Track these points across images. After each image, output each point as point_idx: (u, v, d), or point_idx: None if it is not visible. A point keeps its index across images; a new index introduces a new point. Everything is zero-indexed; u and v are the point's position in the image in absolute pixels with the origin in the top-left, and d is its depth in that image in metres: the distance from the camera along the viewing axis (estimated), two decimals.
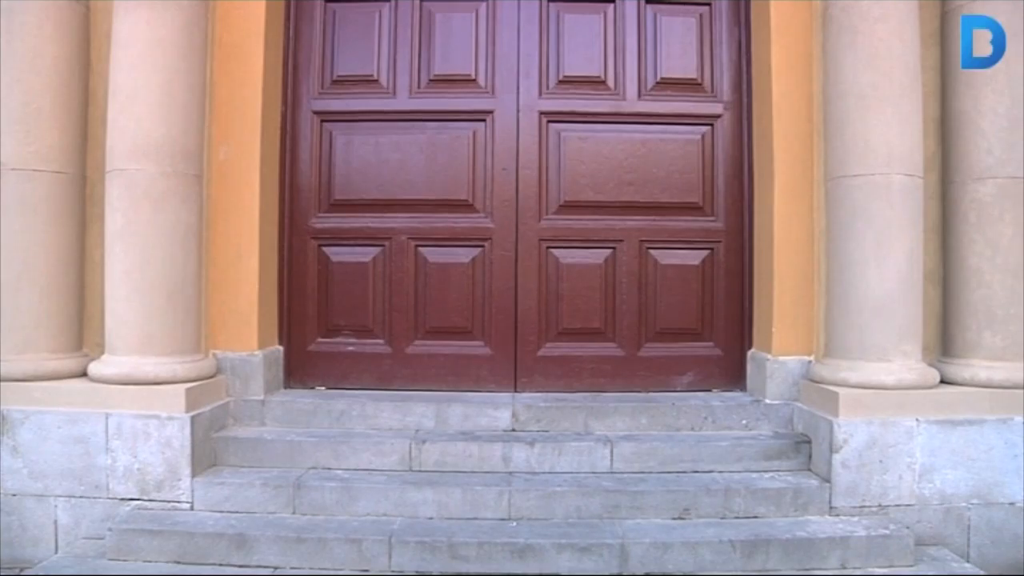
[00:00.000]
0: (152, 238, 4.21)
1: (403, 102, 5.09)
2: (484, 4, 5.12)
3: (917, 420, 4.14)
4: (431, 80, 5.11)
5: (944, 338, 4.56)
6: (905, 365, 4.21)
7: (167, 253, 4.25)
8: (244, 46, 4.66)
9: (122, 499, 4.10)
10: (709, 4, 5.11)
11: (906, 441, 4.13)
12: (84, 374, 4.35)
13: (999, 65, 4.29)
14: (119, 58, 4.24)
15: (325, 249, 5.09)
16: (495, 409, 4.69)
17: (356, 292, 5.09)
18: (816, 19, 4.60)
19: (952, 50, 4.46)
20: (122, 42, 4.24)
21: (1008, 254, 4.30)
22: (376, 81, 5.10)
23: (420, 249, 5.09)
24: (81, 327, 4.54)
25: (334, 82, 5.11)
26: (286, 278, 5.04)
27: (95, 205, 4.49)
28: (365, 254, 5.10)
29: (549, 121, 5.10)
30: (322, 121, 5.09)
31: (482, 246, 5.09)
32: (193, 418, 4.16)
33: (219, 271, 4.62)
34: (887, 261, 4.21)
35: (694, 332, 5.08)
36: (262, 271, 4.70)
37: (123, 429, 4.10)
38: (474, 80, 5.10)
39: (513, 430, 4.64)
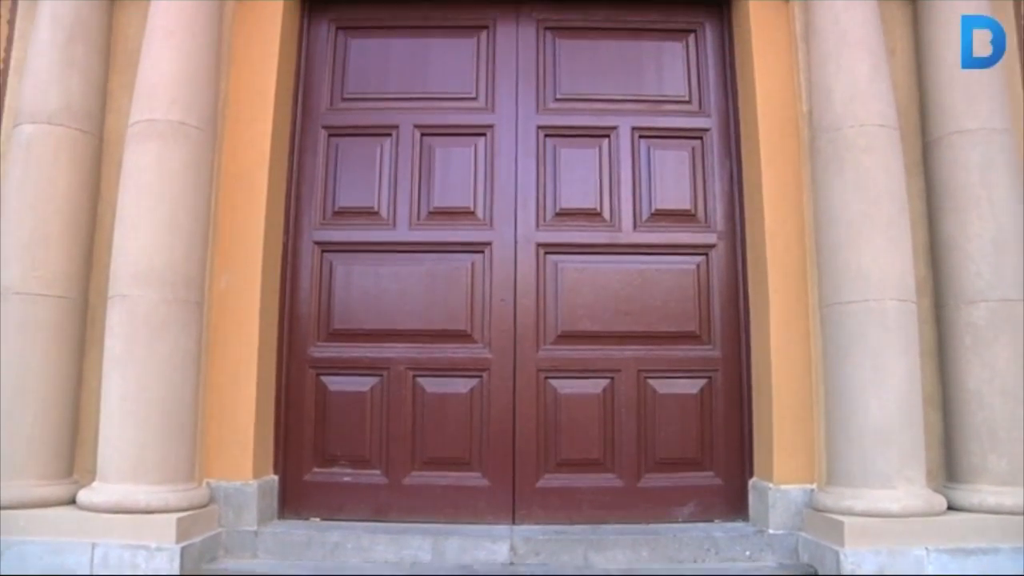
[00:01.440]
0: (150, 364, 4.21)
1: (403, 233, 5.19)
2: (482, 139, 5.28)
3: (927, 549, 4.03)
4: (430, 212, 5.22)
5: (948, 462, 4.50)
6: (910, 491, 4.14)
7: (165, 380, 4.24)
8: (249, 177, 4.79)
9: None
10: (700, 137, 5.27)
11: (916, 571, 4.01)
12: (73, 501, 4.25)
13: (981, 193, 4.41)
14: (127, 187, 4.36)
15: (323, 378, 5.07)
16: (493, 542, 4.57)
17: (353, 422, 5.04)
18: (804, 150, 4.74)
19: (935, 178, 4.60)
20: (131, 172, 4.37)
21: (1007, 376, 4.29)
22: (377, 213, 5.21)
23: (418, 379, 5.08)
24: (73, 453, 4.48)
25: (335, 213, 5.22)
26: (283, 407, 5.00)
27: (95, 330, 4.50)
28: (363, 383, 5.08)
29: (547, 252, 5.18)
30: (323, 251, 5.18)
31: (480, 376, 5.07)
32: (183, 549, 4.04)
33: (216, 398, 4.60)
34: (886, 386, 4.20)
35: (694, 461, 5.01)
36: (259, 399, 4.67)
37: (109, 560, 3.98)
38: (473, 213, 5.21)
39: (511, 563, 4.50)
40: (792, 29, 4.87)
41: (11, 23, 4.92)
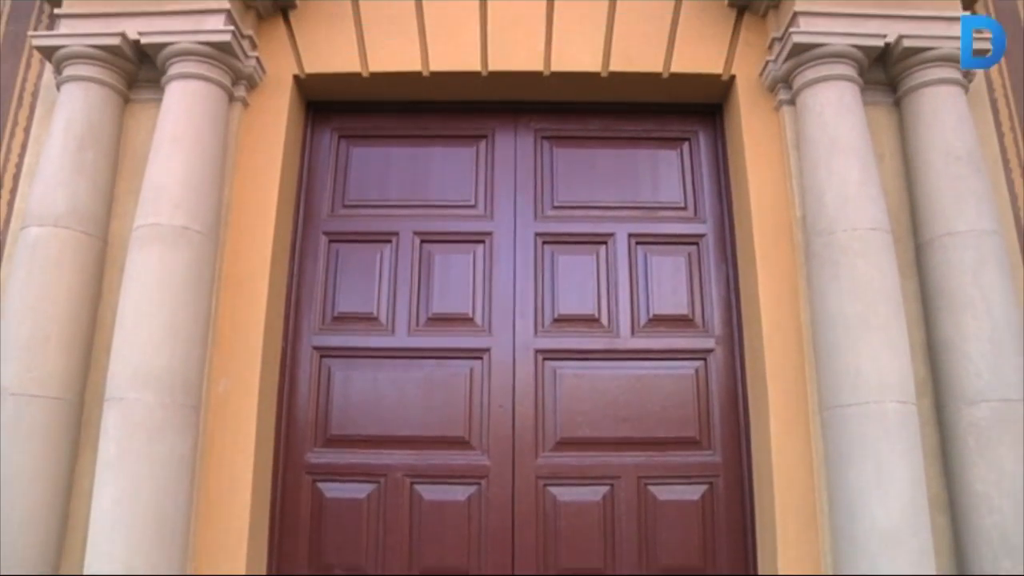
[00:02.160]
0: (144, 469, 4.15)
1: (402, 339, 5.20)
2: (481, 246, 5.35)
3: None
4: (429, 319, 5.24)
5: (959, 568, 4.39)
6: None
7: (158, 485, 4.17)
8: (250, 281, 4.82)
9: None
10: (696, 243, 5.35)
11: None
12: None
13: (975, 293, 4.44)
14: (129, 290, 4.39)
15: (320, 484, 5.00)
16: None
17: (349, 529, 4.94)
18: (799, 254, 4.80)
19: (929, 280, 4.63)
20: (134, 275, 4.41)
21: (1015, 478, 4.22)
22: (376, 319, 5.23)
23: (416, 486, 5.00)
24: (59, 560, 4.36)
25: (335, 319, 5.24)
26: (278, 513, 4.91)
27: (90, 432, 4.46)
28: (360, 491, 5.00)
29: (545, 359, 5.18)
30: (322, 356, 5.18)
31: (478, 484, 5.00)
32: None
33: (209, 504, 4.51)
34: (890, 489, 4.14)
35: (697, 569, 4.88)
36: (254, 506, 4.58)
37: None
38: (471, 319, 5.24)
39: None
40: (783, 136, 5.00)
41: (27, 130, 5.09)
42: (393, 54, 5.24)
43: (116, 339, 4.35)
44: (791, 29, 4.78)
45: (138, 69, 4.95)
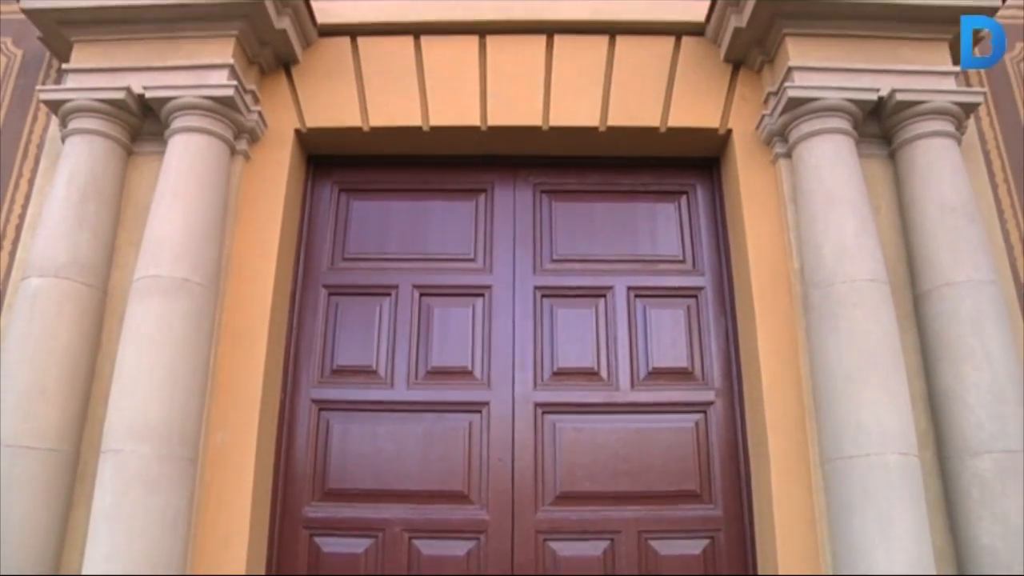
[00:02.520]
0: (139, 521, 4.10)
1: (401, 393, 5.18)
2: (480, 299, 5.37)
3: None
4: (428, 372, 5.23)
5: None
6: None
7: (153, 538, 4.11)
8: (249, 333, 4.83)
9: None
10: (695, 296, 5.37)
11: None
12: None
13: (975, 343, 4.43)
14: (128, 341, 4.39)
15: (317, 539, 4.93)
16: None
17: None
18: (797, 305, 4.80)
19: (928, 330, 4.63)
20: (133, 326, 4.41)
21: (1020, 532, 4.15)
22: (375, 372, 5.22)
23: (414, 541, 4.94)
24: None
25: (334, 371, 5.24)
26: (274, 568, 4.84)
27: (84, 484, 4.42)
28: (358, 545, 4.94)
29: (544, 412, 5.16)
30: (320, 409, 5.16)
31: (477, 538, 4.94)
32: None
33: (205, 559, 4.45)
34: (894, 543, 4.08)
35: None
36: (250, 560, 4.52)
37: None
38: (470, 372, 5.23)
39: None
40: (780, 189, 5.04)
41: (31, 182, 5.15)
42: (394, 109, 5.32)
43: (114, 390, 4.33)
44: (786, 84, 4.86)
45: (142, 122, 5.02)
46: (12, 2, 5.08)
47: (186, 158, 4.74)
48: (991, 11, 4.90)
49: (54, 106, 4.91)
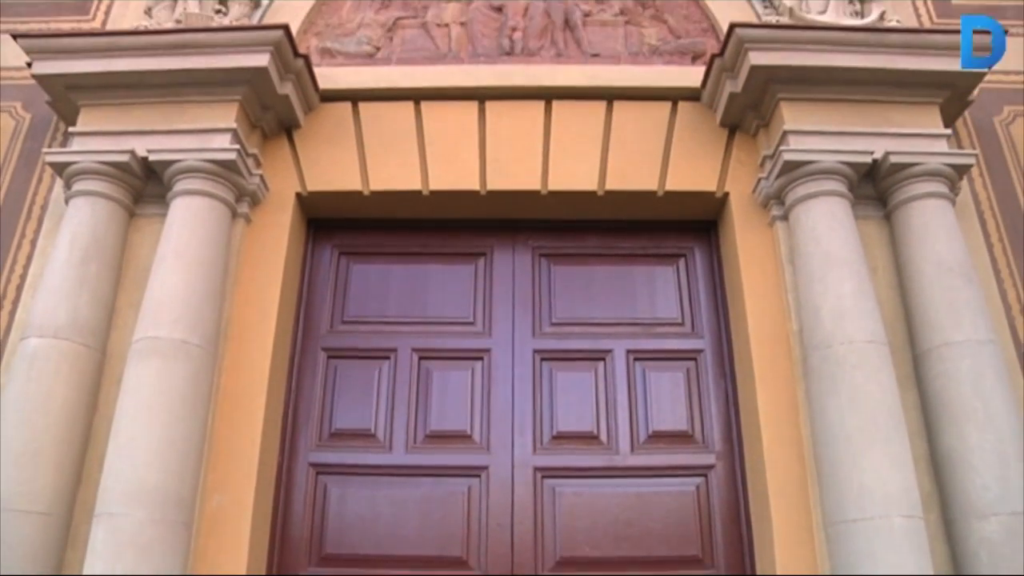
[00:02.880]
0: None
1: (399, 457, 5.14)
2: (480, 363, 5.36)
3: None
4: (427, 436, 5.20)
5: None
6: None
7: None
8: (247, 396, 4.81)
9: None
10: (694, 358, 5.36)
11: None
12: None
13: (976, 404, 4.41)
14: (125, 403, 4.37)
15: None
16: None
17: None
18: (797, 367, 4.80)
19: (929, 391, 4.62)
20: (131, 388, 4.40)
21: None
22: (373, 436, 5.19)
23: None
24: None
25: (332, 435, 5.21)
26: None
27: (76, 549, 4.34)
28: None
29: (544, 476, 5.11)
30: (318, 473, 5.11)
31: None
32: None
33: None
34: None
35: None
36: None
37: None
38: (469, 436, 5.20)
39: None
40: (778, 251, 5.08)
41: (33, 242, 5.19)
42: (394, 173, 5.38)
43: (109, 453, 4.29)
44: (782, 147, 4.93)
45: (145, 185, 5.08)
46: (24, 68, 5.18)
47: (188, 220, 4.79)
48: (979, 77, 5.03)
49: (59, 168, 4.98)
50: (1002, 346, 4.66)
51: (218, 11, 5.58)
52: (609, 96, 5.52)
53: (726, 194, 5.33)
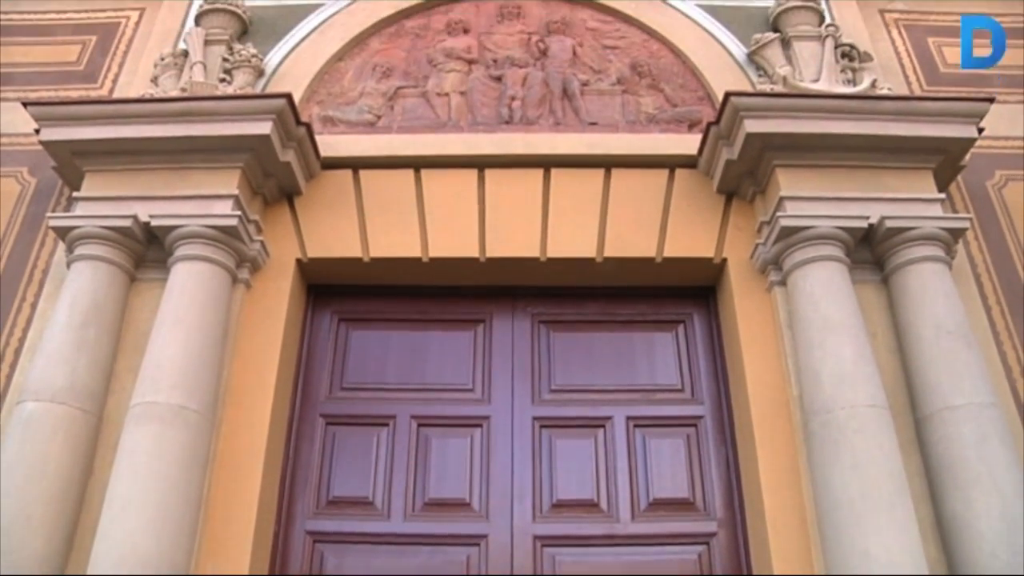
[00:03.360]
0: None
1: (397, 525, 5.07)
2: (479, 430, 5.33)
3: None
4: (426, 504, 5.14)
5: None
6: None
7: None
8: (244, 462, 4.77)
9: None
10: (695, 425, 5.33)
11: None
12: None
13: (981, 468, 4.37)
14: (121, 468, 4.34)
15: None
16: None
17: None
18: (798, 433, 4.77)
19: (932, 455, 4.58)
20: (127, 453, 4.38)
21: None
22: (371, 503, 5.13)
23: None
24: None
25: (329, 503, 5.14)
26: None
27: None
28: None
29: (544, 545, 5.03)
30: (315, 541, 5.03)
31: None
32: None
33: None
34: None
35: None
36: None
37: None
38: (468, 504, 5.14)
39: None
40: (776, 316, 5.09)
41: (33, 306, 5.21)
42: (394, 240, 5.42)
43: (103, 519, 4.24)
44: (778, 213, 4.98)
45: (146, 250, 5.11)
46: (32, 134, 5.26)
47: (188, 286, 4.82)
48: (970, 142, 5.12)
49: (62, 232, 5.01)
50: (1004, 409, 4.64)
51: (223, 80, 5.71)
52: (607, 164, 5.59)
53: (724, 260, 5.36)
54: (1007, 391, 4.95)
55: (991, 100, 5.13)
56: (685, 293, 5.69)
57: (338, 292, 5.70)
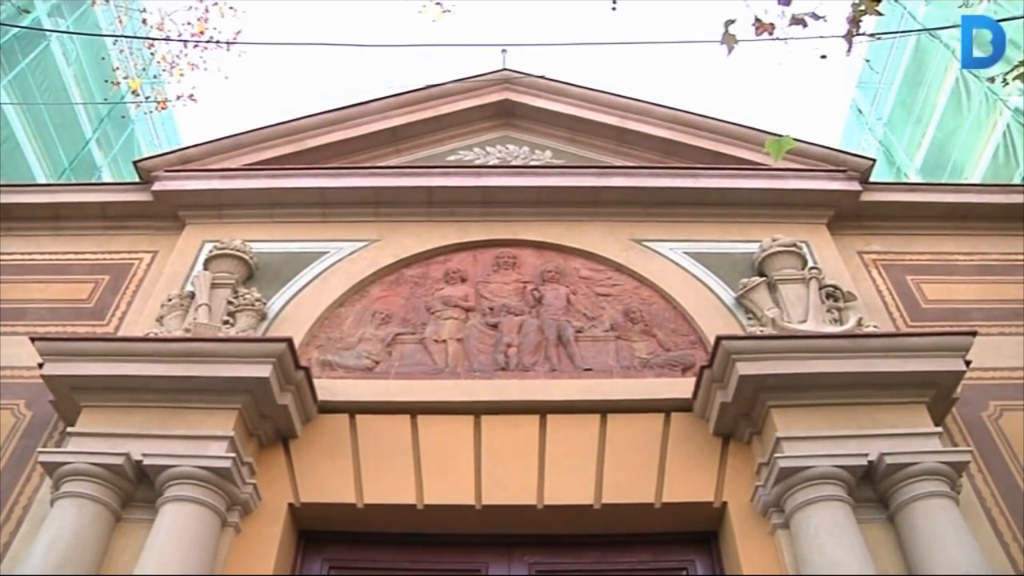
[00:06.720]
0: None
1: None
2: None
3: None
4: None
5: None
6: None
7: None
8: None
9: None
10: None
11: None
12: None
13: None
14: None
15: None
16: None
17: None
18: None
19: None
20: None
21: None
22: None
23: None
24: None
25: None
26: None
27: None
28: None
29: None
30: None
31: None
32: None
33: None
34: None
35: None
36: None
37: None
38: None
39: None
40: (781, 560, 4.92)
41: (7, 545, 5.00)
42: (388, 486, 5.34)
43: None
44: (776, 455, 4.96)
45: (135, 488, 4.99)
46: (35, 368, 5.30)
47: (175, 529, 4.70)
48: (959, 375, 5.20)
49: (51, 468, 4.91)
50: None
51: (226, 322, 5.86)
52: (603, 409, 5.63)
53: (724, 504, 5.27)
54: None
55: (974, 333, 5.27)
56: (686, 539, 5.52)
57: (330, 539, 5.51)
